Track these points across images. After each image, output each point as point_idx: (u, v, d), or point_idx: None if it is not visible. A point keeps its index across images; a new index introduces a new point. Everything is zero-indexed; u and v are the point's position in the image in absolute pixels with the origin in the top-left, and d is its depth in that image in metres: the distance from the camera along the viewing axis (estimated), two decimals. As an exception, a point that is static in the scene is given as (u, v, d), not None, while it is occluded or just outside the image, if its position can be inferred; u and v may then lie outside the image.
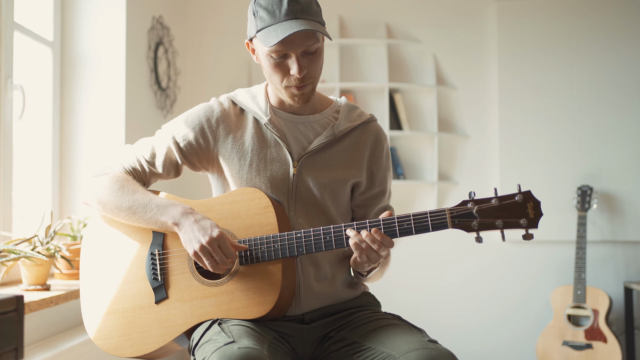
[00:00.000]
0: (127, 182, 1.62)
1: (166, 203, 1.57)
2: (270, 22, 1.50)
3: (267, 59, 1.54)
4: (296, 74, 1.51)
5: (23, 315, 1.36)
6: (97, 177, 1.67)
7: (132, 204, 1.58)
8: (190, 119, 1.66)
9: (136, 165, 1.67)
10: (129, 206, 1.59)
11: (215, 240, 1.47)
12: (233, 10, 4.09)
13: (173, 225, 1.54)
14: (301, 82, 1.54)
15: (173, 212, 1.54)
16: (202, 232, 1.49)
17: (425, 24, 4.10)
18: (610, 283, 3.88)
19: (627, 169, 3.86)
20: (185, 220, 1.52)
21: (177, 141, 1.65)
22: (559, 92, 3.94)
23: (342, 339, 1.55)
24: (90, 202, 1.67)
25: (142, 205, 1.58)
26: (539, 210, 1.42)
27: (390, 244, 1.46)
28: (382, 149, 1.71)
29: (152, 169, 1.68)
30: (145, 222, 1.59)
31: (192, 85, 4.05)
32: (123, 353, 1.62)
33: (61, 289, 2.36)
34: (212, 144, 1.64)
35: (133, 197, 1.59)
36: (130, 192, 1.60)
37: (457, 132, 4.08)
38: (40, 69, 2.89)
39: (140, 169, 1.68)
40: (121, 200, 1.59)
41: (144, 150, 1.68)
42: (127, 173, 1.67)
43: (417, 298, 4.02)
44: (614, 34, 3.90)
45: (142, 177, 1.68)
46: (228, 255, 1.49)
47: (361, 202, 1.69)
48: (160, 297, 1.60)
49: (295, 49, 1.50)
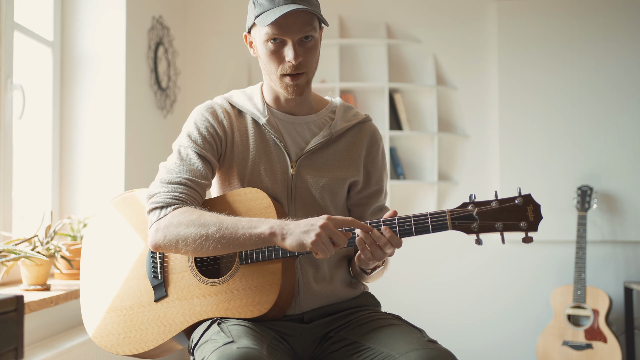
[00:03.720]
0: (200, 211, 1.50)
1: (252, 218, 1.47)
2: (269, 6, 1.51)
3: (264, 47, 1.55)
4: (292, 60, 1.52)
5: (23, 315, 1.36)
6: (163, 220, 1.51)
7: (219, 227, 1.45)
8: (199, 122, 1.64)
9: (188, 189, 1.55)
10: (216, 231, 1.45)
11: (328, 220, 1.40)
12: (233, 11, 4.09)
13: (271, 235, 1.42)
14: (296, 70, 1.54)
15: (265, 224, 1.44)
16: (311, 222, 1.41)
17: (425, 24, 4.10)
18: (610, 283, 3.88)
19: (627, 169, 3.86)
20: (286, 224, 1.43)
21: (199, 145, 1.60)
22: (559, 92, 3.94)
23: (342, 338, 1.55)
24: (163, 245, 1.51)
25: (230, 226, 1.45)
26: (539, 213, 1.42)
27: (398, 244, 1.44)
28: (377, 148, 1.71)
29: (202, 182, 1.58)
30: (234, 244, 1.46)
31: (192, 85, 4.05)
32: (121, 351, 1.62)
33: (61, 289, 2.36)
34: (224, 141, 1.64)
35: (218, 221, 1.46)
36: (211, 218, 1.47)
37: (457, 132, 4.08)
38: (40, 69, 2.89)
39: (196, 188, 1.56)
40: (206, 229, 1.46)
41: (181, 170, 1.57)
42: (189, 201, 1.54)
43: (417, 298, 4.02)
44: (614, 34, 3.90)
45: (200, 195, 1.57)
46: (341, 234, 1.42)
47: (357, 201, 1.70)
48: (159, 295, 1.60)
49: (292, 35, 1.52)
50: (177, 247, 1.50)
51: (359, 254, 1.56)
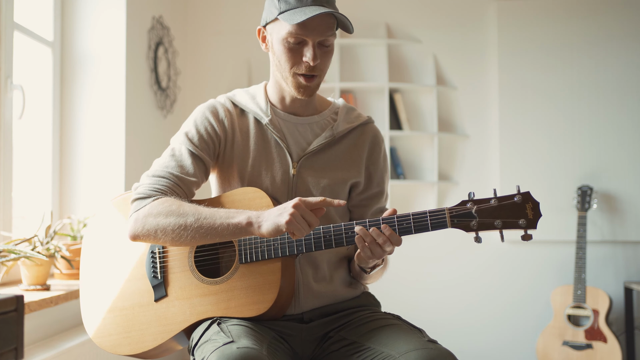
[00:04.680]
0: (180, 201, 1.51)
1: (230, 209, 1.49)
2: (297, 5, 1.52)
3: (282, 44, 1.55)
4: (310, 60, 1.53)
5: (23, 315, 1.36)
6: (142, 210, 1.52)
7: (198, 217, 1.46)
8: (198, 120, 1.64)
9: (171, 182, 1.56)
10: (194, 221, 1.46)
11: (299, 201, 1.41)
12: (233, 11, 4.09)
13: (248, 225, 1.43)
14: (311, 71, 1.55)
15: (242, 214, 1.45)
16: (282, 206, 1.42)
17: (425, 24, 4.10)
18: (610, 283, 3.88)
19: (627, 169, 3.86)
20: (261, 214, 1.44)
21: (194, 143, 1.61)
22: (559, 92, 3.94)
23: (342, 338, 1.55)
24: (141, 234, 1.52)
25: (208, 216, 1.46)
26: (538, 211, 1.42)
27: (398, 241, 1.45)
28: (379, 150, 1.71)
29: (188, 179, 1.58)
30: (212, 233, 1.47)
31: (192, 85, 4.05)
32: (121, 351, 1.62)
33: (61, 289, 2.36)
34: (223, 140, 1.64)
35: (197, 212, 1.47)
36: (190, 208, 1.48)
37: (457, 132, 4.08)
38: (40, 69, 2.89)
39: (179, 184, 1.57)
40: (185, 218, 1.47)
41: (169, 166, 1.58)
42: (170, 194, 1.55)
43: (417, 298, 4.02)
44: (614, 34, 3.90)
45: (184, 191, 1.58)
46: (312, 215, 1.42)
47: (358, 203, 1.70)
48: (159, 295, 1.60)
49: (314, 37, 1.52)
50: (155, 237, 1.50)
51: (358, 253, 1.56)
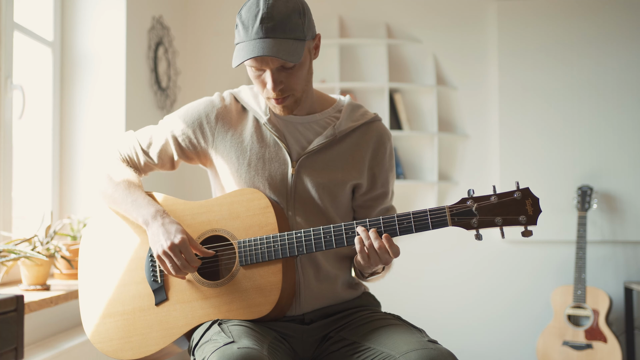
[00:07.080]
0: (118, 169, 1.64)
1: (143, 201, 1.58)
2: (243, 38, 1.47)
3: (249, 71, 1.54)
4: (270, 89, 1.51)
5: (23, 315, 1.36)
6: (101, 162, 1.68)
7: (114, 192, 1.61)
8: (190, 113, 1.66)
9: (132, 153, 1.69)
10: (111, 193, 1.62)
11: (177, 246, 1.48)
12: (233, 11, 4.09)
13: (143, 224, 1.56)
14: (279, 95, 1.52)
15: (144, 211, 1.56)
16: (165, 237, 1.49)
17: (425, 24, 4.10)
18: (610, 283, 3.88)
19: (627, 169, 3.86)
20: (154, 222, 1.53)
21: (175, 135, 1.65)
22: (559, 92, 3.94)
23: (342, 339, 1.55)
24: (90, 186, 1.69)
25: (121, 196, 1.60)
26: (538, 207, 1.42)
27: (397, 252, 1.45)
28: (384, 150, 1.67)
29: (147, 159, 1.69)
30: (123, 213, 1.63)
31: (192, 85, 4.05)
32: (123, 356, 1.61)
33: (61, 289, 2.36)
34: (211, 140, 1.64)
35: (116, 186, 1.61)
36: (116, 181, 1.62)
37: (457, 132, 4.08)
38: (40, 69, 2.89)
39: (135, 157, 1.69)
40: (106, 186, 1.62)
41: (143, 139, 1.69)
42: (122, 160, 1.68)
43: (417, 298, 4.02)
44: (614, 34, 3.90)
45: (137, 165, 1.70)
46: (190, 261, 1.50)
47: (362, 203, 1.68)
48: (160, 299, 1.59)
49: (268, 66, 1.48)
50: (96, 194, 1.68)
51: (357, 257, 1.55)
